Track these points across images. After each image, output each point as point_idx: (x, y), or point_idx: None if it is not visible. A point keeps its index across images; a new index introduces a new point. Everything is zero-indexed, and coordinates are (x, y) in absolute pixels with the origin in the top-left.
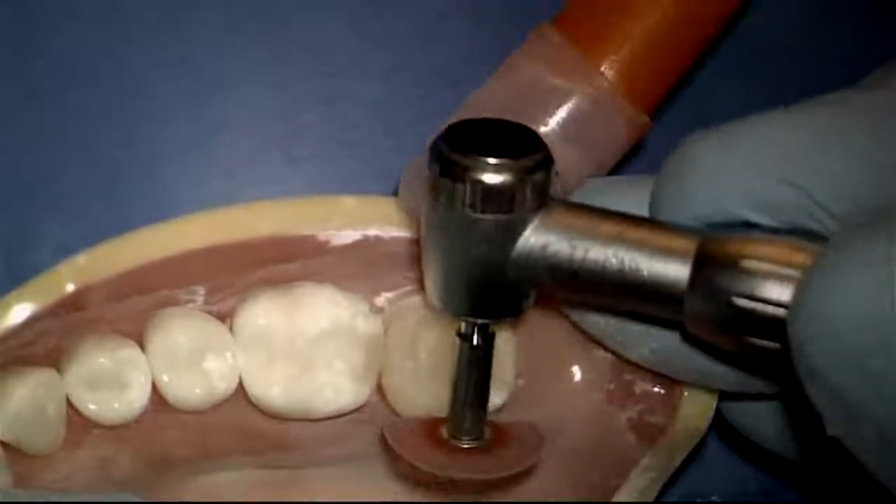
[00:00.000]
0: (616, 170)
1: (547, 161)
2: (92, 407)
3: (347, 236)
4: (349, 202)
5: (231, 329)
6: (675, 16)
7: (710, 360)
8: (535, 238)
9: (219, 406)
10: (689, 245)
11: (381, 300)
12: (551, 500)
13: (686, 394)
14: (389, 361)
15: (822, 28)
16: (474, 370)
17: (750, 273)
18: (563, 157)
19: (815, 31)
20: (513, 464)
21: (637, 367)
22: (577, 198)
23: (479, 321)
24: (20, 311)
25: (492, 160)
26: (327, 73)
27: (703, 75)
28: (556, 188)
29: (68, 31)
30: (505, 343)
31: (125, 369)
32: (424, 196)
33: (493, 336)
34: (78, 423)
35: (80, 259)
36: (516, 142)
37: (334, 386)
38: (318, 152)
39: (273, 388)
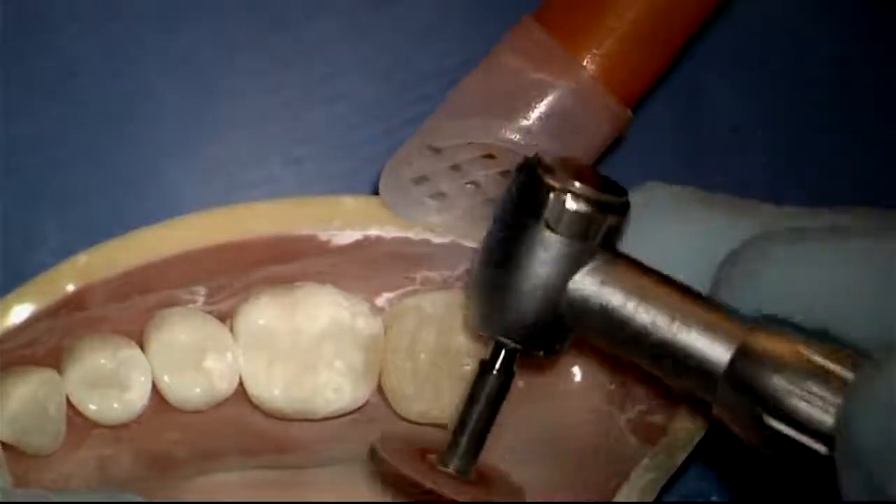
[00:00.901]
0: (598, 163)
1: (625, 208)
2: (92, 407)
3: (348, 236)
4: (349, 202)
5: (231, 329)
6: (657, 9)
7: None
8: (595, 276)
9: (219, 406)
10: (737, 333)
11: (381, 300)
12: (551, 500)
13: None
14: (389, 362)
15: (814, 25)
16: (486, 401)
17: (780, 391)
18: (545, 147)
19: (807, 27)
20: (493, 496)
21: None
22: (638, 207)
23: (511, 346)
24: (20, 312)
25: (582, 185)
26: (327, 73)
27: (693, 73)
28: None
29: (69, 31)
30: None
31: (125, 369)
32: (497, 208)
33: (513, 374)
34: (78, 423)
35: (81, 259)
36: (602, 180)
37: (334, 386)
38: (318, 152)
39: (273, 389)
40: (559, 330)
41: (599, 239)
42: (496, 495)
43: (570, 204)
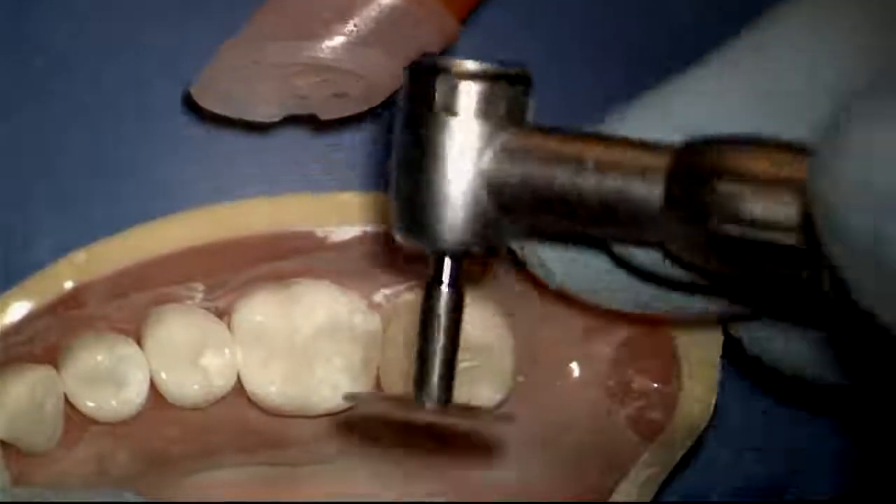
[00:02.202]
0: None
1: (526, 79)
2: (90, 404)
3: (346, 232)
4: (348, 198)
5: (229, 326)
6: None
7: (654, 288)
8: (508, 155)
9: (217, 403)
10: (667, 159)
11: (379, 297)
12: (551, 498)
13: (685, 390)
14: (387, 358)
15: None
16: (444, 320)
17: (727, 194)
18: (370, 61)
19: None
20: (481, 418)
21: (636, 365)
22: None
23: (451, 252)
24: (18, 309)
25: (470, 63)
26: None
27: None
28: (531, 111)
29: (67, 29)
30: (504, 339)
31: (123, 366)
32: (396, 111)
33: (463, 285)
34: (76, 420)
35: (79, 256)
36: (499, 62)
37: (332, 383)
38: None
39: (271, 385)
40: (491, 220)
41: (503, 113)
42: (484, 418)
43: (461, 82)
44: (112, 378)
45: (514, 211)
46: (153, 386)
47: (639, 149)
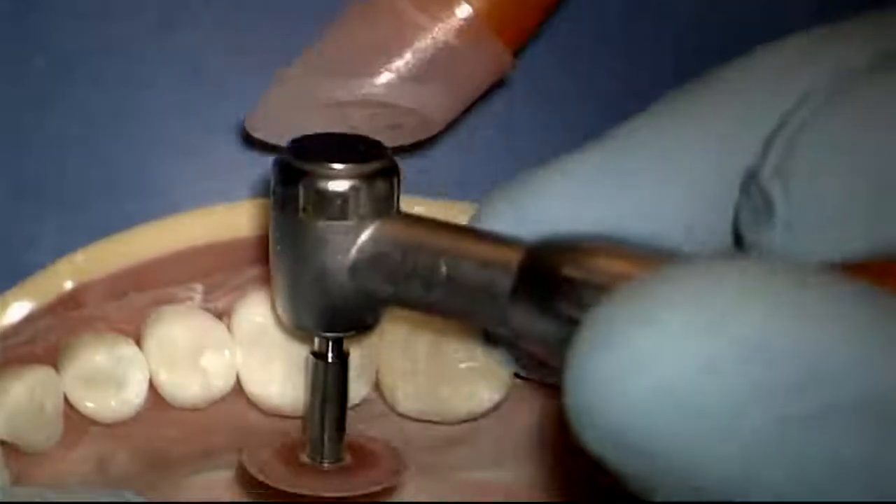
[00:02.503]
0: (476, 105)
1: (388, 171)
2: (89, 405)
3: None
4: None
5: (229, 326)
6: None
7: None
8: (371, 247)
9: (216, 404)
10: (516, 255)
11: None
12: (550, 499)
13: None
14: (386, 359)
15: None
16: (331, 389)
17: (567, 284)
18: (425, 97)
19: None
20: (372, 484)
21: None
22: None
23: (331, 336)
24: (18, 309)
25: (328, 165)
26: None
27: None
28: (397, 199)
29: (67, 29)
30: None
31: (122, 367)
32: (270, 206)
33: (347, 354)
34: (75, 420)
35: (79, 257)
36: (359, 150)
37: None
38: None
39: (271, 386)
40: (361, 307)
41: (367, 209)
42: (373, 476)
43: (324, 185)
44: (112, 378)
45: (378, 297)
46: (153, 386)
47: (493, 243)
